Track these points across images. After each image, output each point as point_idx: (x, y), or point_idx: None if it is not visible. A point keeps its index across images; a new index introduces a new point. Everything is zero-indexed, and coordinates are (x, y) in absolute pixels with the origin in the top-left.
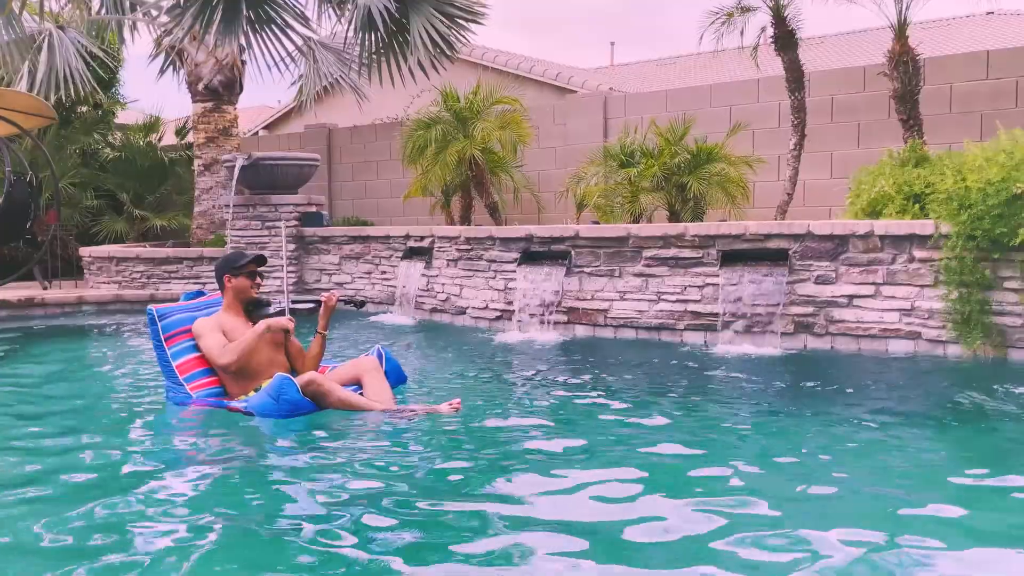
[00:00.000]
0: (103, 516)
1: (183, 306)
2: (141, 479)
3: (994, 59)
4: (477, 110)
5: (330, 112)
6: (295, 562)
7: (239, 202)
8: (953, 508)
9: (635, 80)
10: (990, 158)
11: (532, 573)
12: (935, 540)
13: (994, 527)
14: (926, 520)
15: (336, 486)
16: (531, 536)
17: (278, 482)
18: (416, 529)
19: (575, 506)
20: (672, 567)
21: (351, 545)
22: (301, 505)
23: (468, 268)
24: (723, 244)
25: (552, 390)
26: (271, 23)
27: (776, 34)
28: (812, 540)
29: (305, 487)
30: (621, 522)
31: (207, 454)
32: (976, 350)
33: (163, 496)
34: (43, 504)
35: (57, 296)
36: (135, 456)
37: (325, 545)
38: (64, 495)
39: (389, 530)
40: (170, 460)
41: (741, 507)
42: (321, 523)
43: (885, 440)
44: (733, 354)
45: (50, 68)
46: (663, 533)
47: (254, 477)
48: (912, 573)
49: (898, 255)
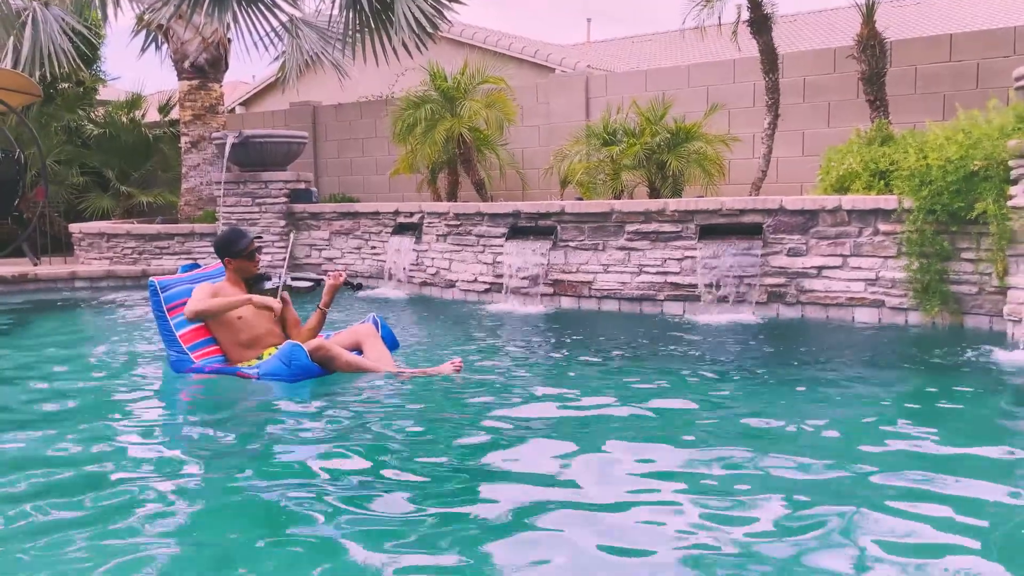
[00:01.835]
0: (107, 484)
1: (183, 278)
2: (148, 446)
3: (957, 42)
4: (464, 89)
5: (310, 89)
6: (300, 527)
7: (230, 179)
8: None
9: (612, 58)
10: (950, 137)
11: (534, 541)
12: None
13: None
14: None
15: (347, 447)
16: (530, 498)
17: (287, 445)
18: (423, 492)
19: (572, 467)
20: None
21: (363, 514)
22: (310, 468)
23: (457, 243)
24: (701, 219)
25: (542, 355)
26: (259, 2)
27: (751, 17)
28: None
29: (315, 451)
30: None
31: (215, 419)
32: (935, 317)
33: (172, 465)
34: (51, 476)
35: (50, 272)
36: (142, 424)
37: (333, 510)
38: (70, 464)
39: (393, 491)
40: (176, 427)
41: (722, 460)
42: (330, 487)
43: (847, 396)
44: (711, 322)
45: (34, 44)
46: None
47: (264, 441)
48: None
49: (864, 228)
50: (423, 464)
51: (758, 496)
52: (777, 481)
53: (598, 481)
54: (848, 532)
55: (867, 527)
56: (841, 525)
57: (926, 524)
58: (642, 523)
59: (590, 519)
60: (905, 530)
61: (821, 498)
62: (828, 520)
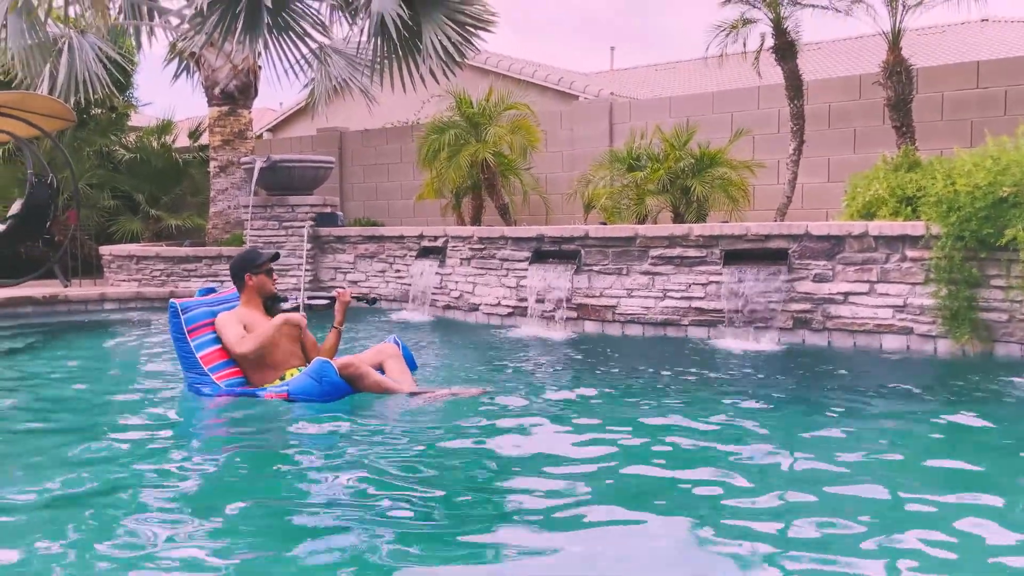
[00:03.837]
0: (128, 500)
1: (201, 301)
2: (170, 466)
3: (984, 69)
4: (489, 115)
5: (337, 115)
6: (320, 545)
7: (257, 203)
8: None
9: (635, 85)
10: (978, 163)
11: (562, 564)
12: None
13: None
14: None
15: (372, 469)
16: (557, 524)
17: (311, 467)
18: (448, 515)
19: (593, 492)
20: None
21: (380, 530)
22: (330, 488)
23: (481, 267)
24: (726, 244)
25: (565, 380)
26: (289, 30)
27: (776, 45)
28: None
29: (336, 471)
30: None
31: (239, 440)
32: (964, 344)
33: (195, 481)
34: (75, 492)
35: (80, 293)
36: (164, 444)
37: (352, 527)
38: (94, 482)
39: (412, 511)
40: (201, 447)
41: (748, 483)
42: (356, 511)
43: (879, 427)
44: (735, 348)
45: (70, 71)
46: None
47: (281, 460)
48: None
49: (891, 254)
50: (449, 487)
51: (790, 533)
52: (808, 507)
53: (625, 510)
54: (886, 555)
55: (905, 554)
56: (879, 549)
57: (965, 553)
58: (657, 552)
59: (614, 545)
60: (940, 558)
61: (855, 534)
62: (866, 549)
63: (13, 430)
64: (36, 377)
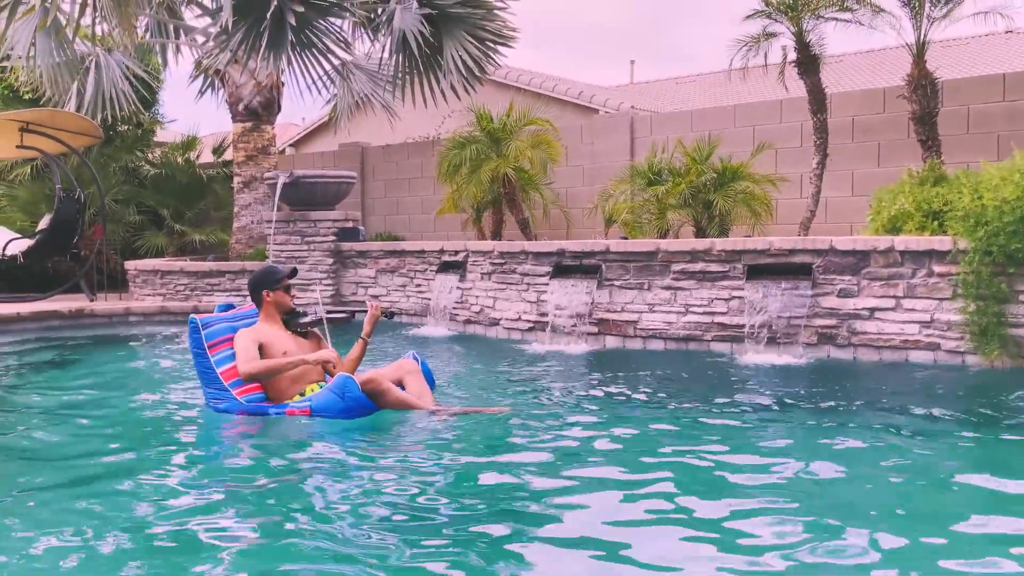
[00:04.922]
0: (151, 512)
1: (222, 316)
2: (189, 484)
3: (1010, 81)
4: (510, 130)
5: (359, 131)
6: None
7: (280, 218)
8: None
9: (655, 98)
10: (1006, 177)
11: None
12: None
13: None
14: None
15: (396, 487)
16: (582, 540)
17: (333, 486)
18: (470, 533)
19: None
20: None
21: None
22: (353, 509)
23: (501, 281)
24: (749, 259)
25: (587, 396)
26: (312, 47)
27: (799, 58)
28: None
29: (361, 492)
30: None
31: (260, 459)
32: (993, 360)
33: (214, 498)
34: (103, 505)
35: (105, 307)
36: (186, 460)
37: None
38: (118, 495)
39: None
40: (221, 464)
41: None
42: (378, 530)
43: (906, 444)
44: (759, 364)
45: (97, 89)
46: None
47: (304, 479)
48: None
49: (918, 269)
50: (472, 504)
51: (820, 552)
52: (835, 527)
53: (650, 531)
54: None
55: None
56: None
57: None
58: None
59: (639, 562)
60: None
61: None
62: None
63: (31, 445)
64: (61, 391)
